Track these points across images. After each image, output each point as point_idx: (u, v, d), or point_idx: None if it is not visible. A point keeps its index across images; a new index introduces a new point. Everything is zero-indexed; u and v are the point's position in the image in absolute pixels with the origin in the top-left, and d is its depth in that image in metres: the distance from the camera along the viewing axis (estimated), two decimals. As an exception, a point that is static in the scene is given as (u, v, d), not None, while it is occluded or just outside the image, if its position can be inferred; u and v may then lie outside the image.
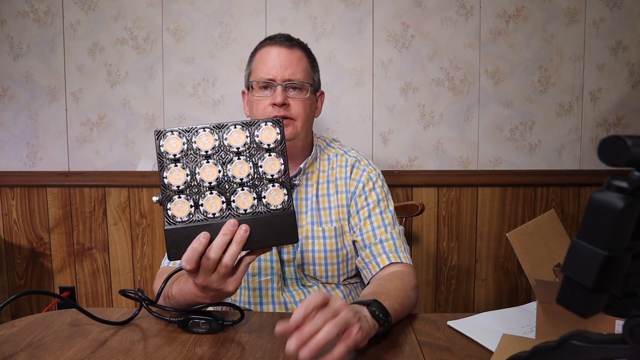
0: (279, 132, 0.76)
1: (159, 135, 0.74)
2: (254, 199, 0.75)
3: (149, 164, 1.93)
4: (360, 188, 1.12)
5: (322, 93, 1.20)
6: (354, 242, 1.11)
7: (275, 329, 0.63)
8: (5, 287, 1.99)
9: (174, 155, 0.74)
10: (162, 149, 0.73)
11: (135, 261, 1.96)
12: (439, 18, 1.87)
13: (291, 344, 0.61)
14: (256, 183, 0.76)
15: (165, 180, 0.73)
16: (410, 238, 1.93)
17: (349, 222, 1.12)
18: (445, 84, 1.90)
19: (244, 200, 0.74)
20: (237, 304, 1.07)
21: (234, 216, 0.74)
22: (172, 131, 0.74)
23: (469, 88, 1.90)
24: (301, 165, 1.11)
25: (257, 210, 0.75)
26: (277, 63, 1.06)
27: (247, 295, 1.07)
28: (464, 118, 1.90)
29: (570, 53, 1.88)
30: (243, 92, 1.18)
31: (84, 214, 1.95)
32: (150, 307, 0.87)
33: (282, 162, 0.76)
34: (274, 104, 1.05)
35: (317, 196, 1.12)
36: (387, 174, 1.24)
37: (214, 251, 0.71)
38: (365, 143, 1.91)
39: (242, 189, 0.75)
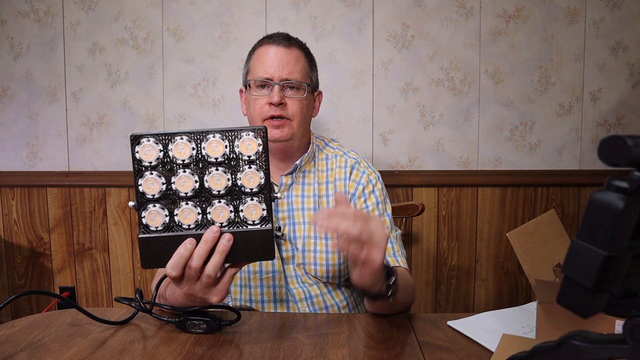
0: (260, 143, 0.71)
1: (135, 140, 0.70)
2: (231, 212, 0.72)
3: (149, 164, 1.93)
4: (360, 190, 1.12)
5: (320, 93, 1.20)
6: None
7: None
8: (5, 287, 1.99)
9: (150, 162, 0.71)
10: (137, 156, 0.70)
11: (135, 261, 1.96)
12: (439, 18, 1.87)
13: (319, 216, 0.71)
14: (234, 196, 0.73)
15: (140, 188, 0.71)
16: (410, 238, 1.93)
17: None
18: (445, 84, 1.89)
19: (219, 213, 0.72)
20: (239, 302, 1.08)
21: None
22: (148, 137, 0.70)
23: (469, 88, 1.89)
24: (297, 162, 1.11)
25: (233, 224, 0.72)
26: (274, 62, 1.06)
27: (248, 293, 1.07)
28: (464, 118, 1.90)
29: (570, 53, 1.88)
30: (241, 91, 1.19)
31: (84, 214, 1.95)
32: (148, 307, 0.87)
33: (262, 176, 0.72)
34: (271, 103, 1.05)
35: (317, 197, 1.12)
36: (387, 174, 1.24)
37: (194, 259, 0.70)
38: (365, 143, 1.91)
39: (219, 202, 0.72)
